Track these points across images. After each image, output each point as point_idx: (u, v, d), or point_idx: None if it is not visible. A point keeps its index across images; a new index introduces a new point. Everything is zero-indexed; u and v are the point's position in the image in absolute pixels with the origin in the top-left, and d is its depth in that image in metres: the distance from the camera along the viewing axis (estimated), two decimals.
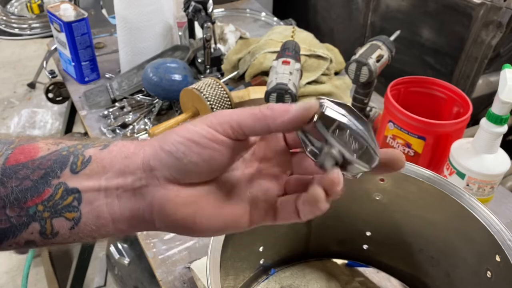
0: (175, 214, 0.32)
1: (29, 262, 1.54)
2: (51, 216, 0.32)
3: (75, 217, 0.32)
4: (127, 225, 0.33)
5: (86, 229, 0.32)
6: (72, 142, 0.34)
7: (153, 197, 0.32)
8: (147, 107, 1.05)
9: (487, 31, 1.12)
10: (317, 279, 0.69)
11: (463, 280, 0.59)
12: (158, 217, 0.33)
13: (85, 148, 0.33)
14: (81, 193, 0.32)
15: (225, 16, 1.48)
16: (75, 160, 0.32)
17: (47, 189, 0.31)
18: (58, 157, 0.33)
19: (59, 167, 0.32)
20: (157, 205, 0.32)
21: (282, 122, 0.31)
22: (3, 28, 2.87)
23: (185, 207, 0.32)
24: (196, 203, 0.32)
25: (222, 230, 0.34)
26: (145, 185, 0.32)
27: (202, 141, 0.32)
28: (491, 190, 0.72)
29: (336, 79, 1.12)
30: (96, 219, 0.32)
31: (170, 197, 0.32)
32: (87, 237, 0.33)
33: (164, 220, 0.33)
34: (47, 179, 0.32)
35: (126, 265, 1.18)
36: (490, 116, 0.67)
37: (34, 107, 2.32)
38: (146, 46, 1.10)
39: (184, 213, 0.32)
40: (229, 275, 0.59)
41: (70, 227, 0.32)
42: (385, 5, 1.40)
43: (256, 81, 1.07)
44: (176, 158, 0.32)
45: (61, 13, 1.03)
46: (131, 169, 0.32)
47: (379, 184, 0.62)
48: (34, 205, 0.31)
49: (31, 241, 0.32)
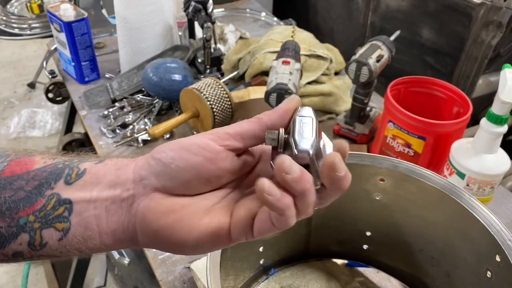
0: (155, 223, 0.32)
1: (29, 262, 1.54)
2: (41, 227, 0.31)
3: (65, 228, 0.32)
4: (112, 238, 0.33)
5: (74, 240, 0.32)
6: (69, 157, 0.35)
7: (137, 207, 0.32)
8: (147, 107, 1.05)
9: (487, 31, 1.12)
10: (317, 279, 0.69)
11: (463, 280, 0.59)
12: (140, 228, 0.32)
13: (81, 162, 0.34)
14: (73, 203, 0.32)
15: (225, 16, 1.48)
16: (69, 172, 0.33)
17: (40, 200, 0.32)
18: (53, 169, 0.33)
19: (53, 178, 0.32)
20: (140, 214, 0.32)
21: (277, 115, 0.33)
22: (3, 28, 2.87)
23: (166, 216, 0.32)
24: (176, 213, 0.32)
25: (202, 243, 0.32)
26: (132, 195, 0.32)
27: (193, 148, 0.32)
28: (491, 190, 0.72)
29: (336, 79, 1.12)
30: (84, 230, 0.32)
31: (152, 205, 0.32)
32: (74, 250, 0.32)
33: (146, 231, 0.32)
34: (40, 190, 0.32)
35: (126, 265, 1.18)
36: (490, 116, 0.67)
37: (34, 107, 2.33)
38: (146, 46, 1.10)
39: (164, 222, 0.31)
40: (229, 275, 0.59)
41: (59, 238, 0.32)
42: (385, 5, 1.40)
43: (256, 81, 1.07)
44: (164, 164, 0.32)
45: (61, 13, 1.03)
46: (121, 180, 0.32)
47: (379, 184, 0.62)
48: (26, 216, 0.31)
49: (19, 252, 0.32)
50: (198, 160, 0.32)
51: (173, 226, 0.32)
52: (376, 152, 0.88)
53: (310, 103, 1.05)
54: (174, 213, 0.32)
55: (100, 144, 0.96)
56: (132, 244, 0.33)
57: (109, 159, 0.34)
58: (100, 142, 0.96)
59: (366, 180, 0.62)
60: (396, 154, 0.83)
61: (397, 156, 0.83)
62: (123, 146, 0.95)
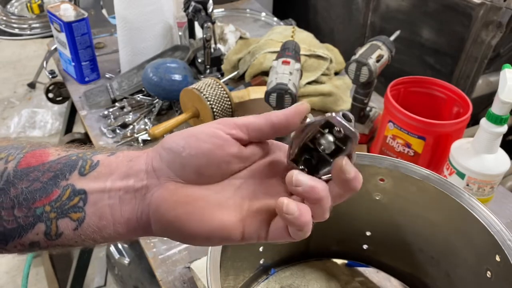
0: (169, 213, 0.32)
1: (29, 262, 1.54)
2: (57, 217, 0.32)
3: (80, 218, 0.32)
4: (126, 228, 0.33)
5: (88, 230, 0.33)
6: (81, 149, 0.35)
7: (151, 197, 0.33)
8: (147, 107, 1.05)
9: (487, 31, 1.12)
10: (317, 279, 0.69)
11: (463, 280, 0.59)
12: (154, 217, 0.33)
13: (94, 154, 0.34)
14: (87, 194, 0.33)
15: (225, 16, 1.48)
16: (83, 164, 0.34)
17: (55, 190, 0.32)
18: (67, 161, 0.34)
19: (68, 170, 0.33)
20: (154, 204, 0.33)
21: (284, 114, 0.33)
22: (3, 28, 2.87)
23: (179, 207, 0.32)
24: (190, 204, 0.32)
25: (213, 237, 0.33)
26: (146, 186, 0.33)
27: (202, 136, 0.33)
28: (491, 190, 0.72)
29: (336, 79, 1.12)
30: (99, 220, 0.33)
31: (166, 195, 0.33)
32: (89, 239, 0.33)
33: (159, 221, 0.33)
34: (56, 181, 0.33)
35: (126, 265, 1.18)
36: (490, 116, 0.67)
37: (34, 107, 2.32)
38: (146, 46, 1.10)
39: (177, 212, 0.32)
40: (229, 275, 0.59)
41: (74, 227, 0.32)
42: (385, 5, 1.40)
43: (256, 81, 1.07)
44: (175, 152, 0.33)
45: (61, 13, 1.03)
46: (134, 171, 0.33)
47: (379, 184, 0.62)
48: (42, 206, 0.32)
49: (36, 242, 0.33)
50: (207, 146, 0.32)
51: (186, 218, 0.32)
52: (376, 152, 0.88)
53: (310, 103, 1.05)
54: (188, 205, 0.32)
55: (100, 144, 0.96)
56: (145, 233, 0.34)
57: (120, 152, 0.35)
58: (100, 142, 0.96)
59: (366, 180, 0.62)
60: (396, 154, 0.83)
61: (397, 156, 0.83)
62: (123, 146, 0.95)
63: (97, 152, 0.35)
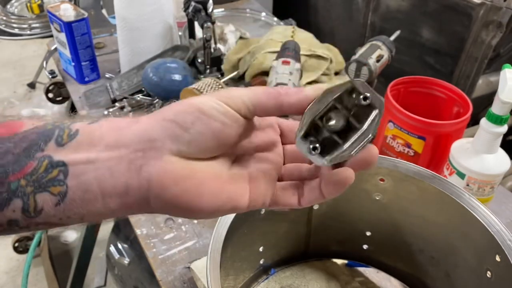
0: (173, 188, 0.30)
1: (29, 262, 1.54)
2: (34, 191, 0.29)
3: (61, 192, 0.30)
4: (119, 203, 0.30)
5: (73, 205, 0.30)
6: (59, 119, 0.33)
7: (150, 171, 0.30)
8: (147, 107, 1.05)
9: (487, 31, 1.12)
10: (317, 279, 0.69)
11: (463, 280, 0.59)
12: (154, 192, 0.30)
13: (72, 123, 0.32)
14: (68, 166, 0.30)
15: (225, 16, 1.48)
16: (60, 133, 0.31)
17: (30, 163, 0.29)
18: (43, 130, 0.31)
19: (43, 140, 0.30)
20: (155, 178, 0.30)
21: (297, 99, 0.32)
22: (3, 28, 2.88)
23: (184, 181, 0.30)
24: (198, 177, 0.31)
25: (222, 209, 0.32)
26: (142, 157, 0.30)
27: (212, 113, 0.31)
28: (491, 190, 0.72)
29: (336, 79, 1.12)
30: (84, 193, 0.30)
31: (168, 169, 0.30)
32: (75, 215, 0.30)
33: (161, 196, 0.30)
34: (30, 152, 0.30)
35: (126, 265, 1.18)
36: (490, 116, 0.67)
37: (34, 107, 2.33)
38: (146, 46, 1.10)
39: (183, 187, 0.30)
40: (229, 275, 0.59)
41: (56, 203, 0.30)
42: (385, 5, 1.40)
43: (256, 81, 1.07)
44: (182, 127, 0.30)
45: (61, 13, 1.03)
46: (124, 142, 0.30)
47: (379, 184, 0.62)
48: (16, 180, 0.29)
49: (14, 220, 0.30)
50: (217, 126, 0.31)
51: (193, 192, 0.30)
52: None
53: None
54: (193, 178, 0.31)
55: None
56: (141, 209, 0.32)
57: (104, 120, 0.32)
58: None
59: (366, 180, 0.62)
60: (396, 154, 0.83)
61: (397, 156, 0.83)
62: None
63: (76, 120, 0.32)
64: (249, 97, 0.32)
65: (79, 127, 0.31)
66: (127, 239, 1.24)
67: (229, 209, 0.32)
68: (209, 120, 0.30)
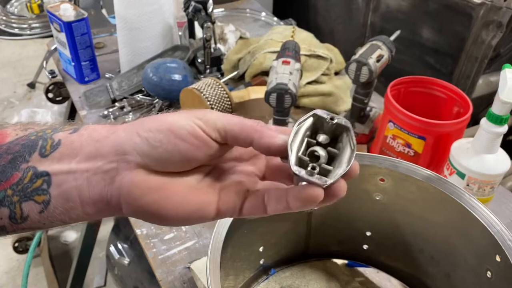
0: (141, 198, 0.32)
1: (29, 263, 1.54)
2: (20, 200, 0.31)
3: (45, 200, 0.32)
4: (94, 208, 0.33)
5: (55, 212, 0.32)
6: (41, 127, 0.34)
7: (121, 181, 0.32)
8: (147, 107, 1.05)
9: (487, 31, 1.12)
10: (317, 279, 0.69)
11: (463, 280, 0.59)
12: (125, 201, 0.32)
13: (54, 132, 0.33)
14: (51, 176, 0.32)
15: (225, 16, 1.48)
16: (44, 144, 0.32)
17: (15, 173, 0.31)
18: (26, 141, 0.32)
19: (27, 151, 0.32)
20: (125, 189, 0.32)
21: (267, 143, 0.32)
22: (3, 28, 2.88)
23: (153, 193, 0.32)
24: (163, 190, 0.32)
25: (190, 218, 0.33)
26: (115, 168, 0.32)
27: (182, 133, 0.32)
28: (491, 190, 0.72)
29: (336, 79, 1.12)
30: (65, 201, 0.32)
31: (137, 181, 0.32)
32: (57, 221, 0.32)
33: (131, 205, 0.32)
34: (15, 164, 0.32)
35: (126, 265, 1.18)
36: (490, 116, 0.67)
37: (34, 107, 2.32)
38: (146, 46, 1.10)
39: (152, 198, 0.32)
40: (229, 275, 0.59)
41: (40, 210, 0.32)
42: (385, 5, 1.40)
43: (256, 81, 1.07)
44: (151, 145, 0.31)
45: (61, 13, 1.03)
46: (102, 153, 0.32)
47: (379, 184, 0.62)
48: (3, 190, 0.31)
49: (1, 226, 0.32)
50: (186, 146, 0.32)
51: (161, 202, 0.32)
52: (376, 152, 0.88)
53: (310, 103, 1.05)
54: (161, 190, 0.32)
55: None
56: (114, 213, 0.34)
57: (83, 129, 0.33)
58: None
59: (366, 180, 0.62)
60: (396, 154, 0.83)
61: (397, 156, 0.83)
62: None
63: (57, 129, 0.34)
64: (223, 123, 0.32)
65: (61, 137, 0.33)
66: (127, 239, 1.24)
67: (197, 218, 0.33)
68: (178, 140, 0.31)
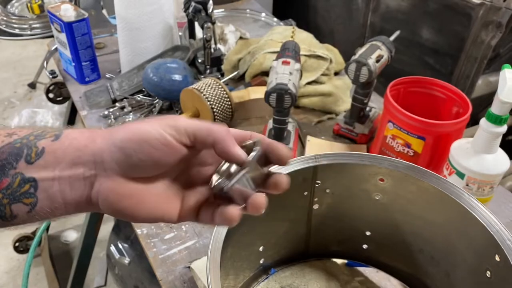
0: (117, 203, 0.36)
1: (29, 262, 1.54)
2: (10, 202, 0.35)
3: (32, 202, 0.36)
4: (75, 208, 0.37)
5: (42, 211, 0.36)
6: (24, 132, 0.37)
7: (100, 187, 0.36)
8: (147, 107, 1.05)
9: (487, 31, 1.12)
10: (317, 279, 0.69)
11: (463, 280, 0.59)
12: (103, 204, 0.37)
13: (37, 140, 0.37)
14: (37, 181, 0.35)
15: (225, 17, 1.48)
16: (29, 152, 0.36)
17: (5, 179, 0.35)
18: (12, 149, 0.36)
19: (14, 158, 0.35)
20: (103, 194, 0.36)
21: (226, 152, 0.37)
22: (4, 28, 2.88)
23: (127, 199, 0.36)
24: (136, 197, 0.37)
25: (156, 221, 0.39)
26: (94, 175, 0.36)
27: (154, 143, 0.35)
28: (490, 190, 0.72)
29: (336, 79, 1.12)
30: (51, 203, 0.36)
31: (114, 188, 0.36)
32: (43, 218, 0.37)
33: (108, 208, 0.37)
34: (4, 170, 0.35)
35: (126, 264, 1.18)
36: (490, 116, 0.67)
37: (35, 107, 2.32)
38: (146, 46, 1.10)
39: (126, 203, 0.36)
40: (229, 275, 0.59)
41: (28, 210, 0.36)
42: (385, 5, 1.40)
43: (256, 81, 1.07)
44: (126, 154, 0.35)
45: (62, 14, 1.04)
46: (82, 161, 0.36)
47: (379, 184, 0.62)
48: None
49: None
50: (158, 154, 0.36)
51: (134, 207, 0.37)
52: (376, 152, 0.88)
53: (310, 103, 1.05)
54: (134, 197, 0.37)
55: None
56: (94, 210, 0.38)
57: (64, 136, 0.37)
58: None
59: (366, 180, 0.62)
60: (396, 154, 0.83)
61: (397, 156, 0.83)
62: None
63: (40, 136, 0.37)
64: (193, 129, 0.36)
65: (44, 145, 0.36)
66: (127, 239, 1.24)
67: (162, 221, 0.39)
68: (150, 149, 0.35)
